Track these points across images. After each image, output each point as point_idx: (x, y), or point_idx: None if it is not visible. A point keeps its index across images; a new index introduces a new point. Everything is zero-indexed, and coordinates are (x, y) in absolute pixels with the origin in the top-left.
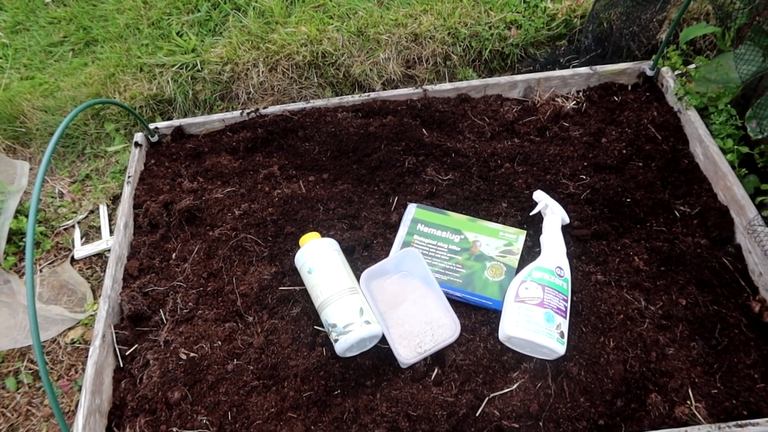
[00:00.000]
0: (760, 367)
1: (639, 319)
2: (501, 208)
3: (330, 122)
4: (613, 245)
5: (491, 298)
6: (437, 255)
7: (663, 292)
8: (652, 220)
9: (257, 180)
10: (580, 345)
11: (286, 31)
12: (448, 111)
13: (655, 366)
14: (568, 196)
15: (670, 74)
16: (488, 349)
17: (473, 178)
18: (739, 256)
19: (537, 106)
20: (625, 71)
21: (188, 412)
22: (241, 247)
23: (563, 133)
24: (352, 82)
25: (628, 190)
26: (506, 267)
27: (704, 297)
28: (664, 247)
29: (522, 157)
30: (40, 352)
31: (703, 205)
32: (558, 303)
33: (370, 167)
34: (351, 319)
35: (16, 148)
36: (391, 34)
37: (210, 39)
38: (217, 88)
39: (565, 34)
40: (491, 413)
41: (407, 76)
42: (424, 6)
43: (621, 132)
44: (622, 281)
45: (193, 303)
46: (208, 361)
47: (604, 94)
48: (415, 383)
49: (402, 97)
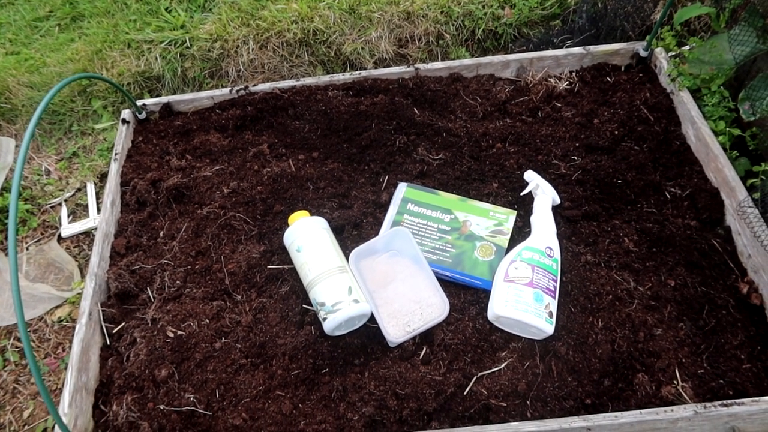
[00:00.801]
0: (746, 348)
1: (628, 300)
2: (492, 188)
3: (320, 100)
4: (603, 226)
5: (481, 277)
6: (427, 234)
7: (652, 273)
8: (643, 202)
9: (246, 158)
10: (568, 325)
11: (276, 7)
12: (440, 90)
13: (642, 346)
14: (559, 177)
15: (664, 55)
16: (477, 328)
17: (464, 158)
18: (728, 238)
19: (530, 86)
20: (618, 52)
21: (175, 389)
22: (230, 226)
23: (555, 113)
24: (344, 61)
25: (620, 171)
26: (496, 247)
27: (693, 278)
28: (654, 228)
29: (513, 138)
30: (24, 330)
31: (693, 186)
32: (547, 283)
33: (360, 146)
34: (340, 298)
35: (1, 125)
36: (384, 12)
37: (199, 15)
38: (207, 65)
39: (559, 14)
40: (479, 392)
41: (399, 55)
42: None
43: (613, 113)
44: (611, 262)
45: (180, 281)
46: (195, 339)
47: (597, 74)
48: (404, 362)
49: (393, 75)
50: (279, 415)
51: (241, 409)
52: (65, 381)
